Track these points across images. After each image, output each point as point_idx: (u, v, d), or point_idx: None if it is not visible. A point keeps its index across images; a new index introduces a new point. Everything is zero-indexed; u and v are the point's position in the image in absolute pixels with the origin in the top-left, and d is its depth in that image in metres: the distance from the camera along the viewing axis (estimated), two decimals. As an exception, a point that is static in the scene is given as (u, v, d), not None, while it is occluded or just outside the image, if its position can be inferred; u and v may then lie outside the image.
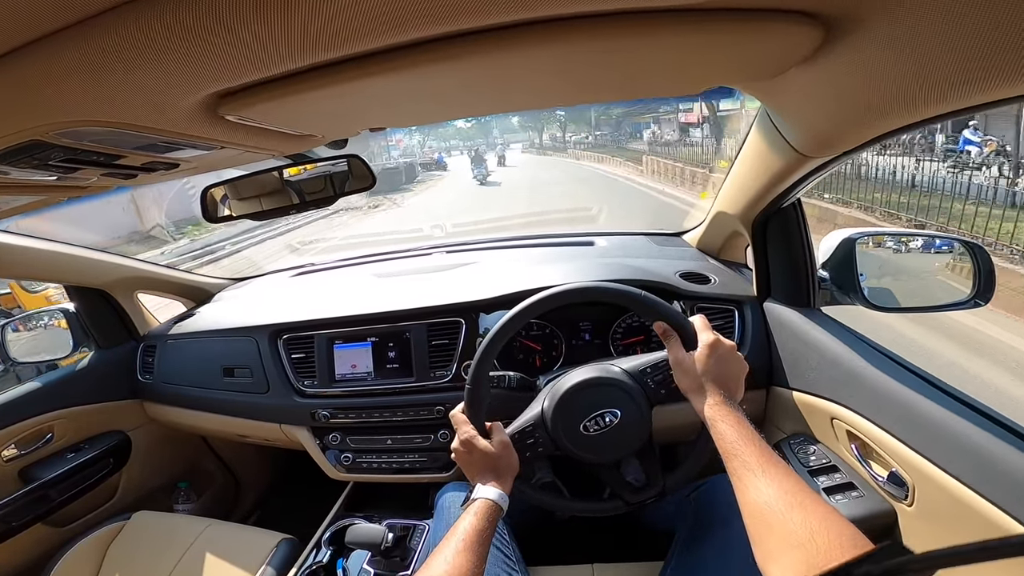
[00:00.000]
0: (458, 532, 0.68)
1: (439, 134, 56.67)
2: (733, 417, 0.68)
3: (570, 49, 0.44)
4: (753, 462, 0.61)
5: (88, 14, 0.33)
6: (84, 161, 0.57)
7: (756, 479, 0.59)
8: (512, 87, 0.58)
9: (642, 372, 0.84)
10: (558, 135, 41.57)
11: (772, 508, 0.55)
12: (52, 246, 1.27)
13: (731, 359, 0.76)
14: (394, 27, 0.37)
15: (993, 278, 0.94)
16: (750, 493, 0.59)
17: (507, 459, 0.80)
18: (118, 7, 0.33)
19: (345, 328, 1.26)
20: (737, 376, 0.76)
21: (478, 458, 0.79)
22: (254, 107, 0.48)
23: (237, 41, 0.37)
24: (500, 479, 0.77)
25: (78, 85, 0.40)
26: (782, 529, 0.52)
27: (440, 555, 0.65)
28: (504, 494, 0.76)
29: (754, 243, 1.12)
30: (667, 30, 0.41)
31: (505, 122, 53.52)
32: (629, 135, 29.76)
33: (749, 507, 0.58)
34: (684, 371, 0.76)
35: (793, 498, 0.55)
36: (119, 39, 0.35)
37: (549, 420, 0.83)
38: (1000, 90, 0.44)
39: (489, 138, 56.01)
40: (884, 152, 8.09)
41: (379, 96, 0.52)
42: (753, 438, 0.65)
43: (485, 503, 0.73)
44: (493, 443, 0.80)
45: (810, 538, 0.49)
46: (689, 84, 0.61)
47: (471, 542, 0.66)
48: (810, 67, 0.52)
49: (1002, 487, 0.59)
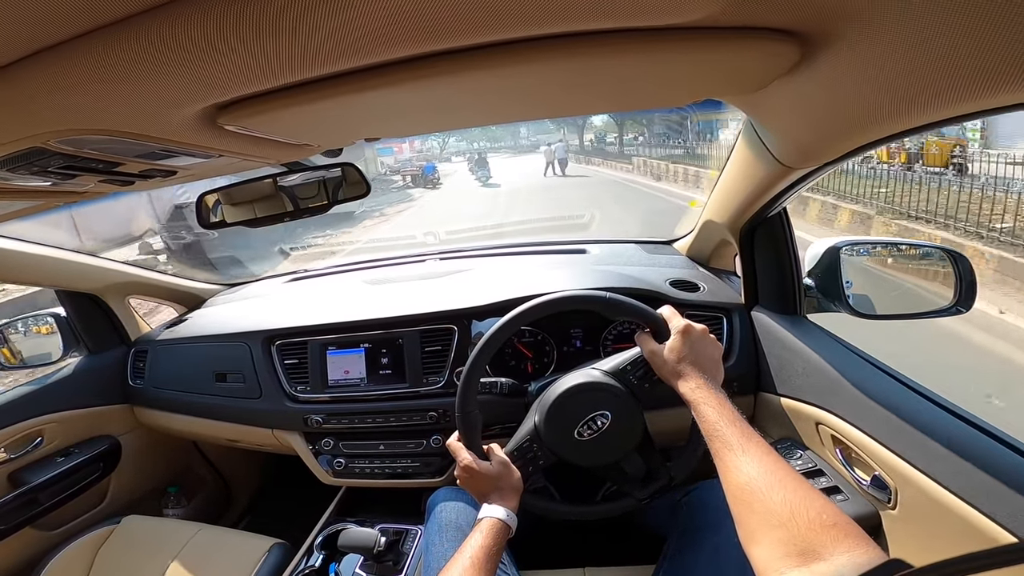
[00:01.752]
0: (466, 551, 0.69)
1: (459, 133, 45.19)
2: (715, 398, 0.70)
3: (562, 65, 0.45)
4: (734, 441, 0.62)
5: (93, 26, 0.34)
6: (83, 168, 0.58)
7: (737, 458, 0.60)
8: (505, 100, 0.60)
9: (623, 370, 0.86)
10: (607, 136, 30.88)
11: (753, 487, 0.56)
12: (44, 251, 1.27)
13: (705, 341, 0.78)
14: (391, 44, 0.39)
15: (974, 287, 0.96)
16: (731, 473, 0.60)
17: (508, 478, 0.82)
18: (122, 21, 0.34)
19: (338, 334, 1.26)
20: (713, 357, 0.78)
21: (480, 482, 0.81)
22: (253, 118, 0.49)
23: (237, 55, 0.38)
24: (504, 498, 0.79)
25: (81, 96, 0.41)
26: (763, 508, 0.53)
27: (449, 573, 0.66)
28: (511, 512, 0.77)
29: (742, 252, 1.14)
30: (656, 47, 0.43)
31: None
32: (698, 136, 18.57)
33: (732, 488, 0.59)
34: (662, 361, 0.78)
35: (773, 476, 0.56)
36: (123, 52, 0.36)
37: (543, 433, 0.85)
38: (979, 101, 0.46)
39: (517, 139, 44.67)
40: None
41: (376, 108, 0.53)
42: (734, 418, 0.66)
43: (492, 521, 0.74)
44: (492, 464, 0.82)
45: (791, 517, 0.50)
46: (677, 97, 0.63)
47: (479, 560, 0.68)
48: (790, 81, 0.54)
49: (981, 491, 0.61)
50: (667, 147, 20.58)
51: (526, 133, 44.03)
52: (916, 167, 8.77)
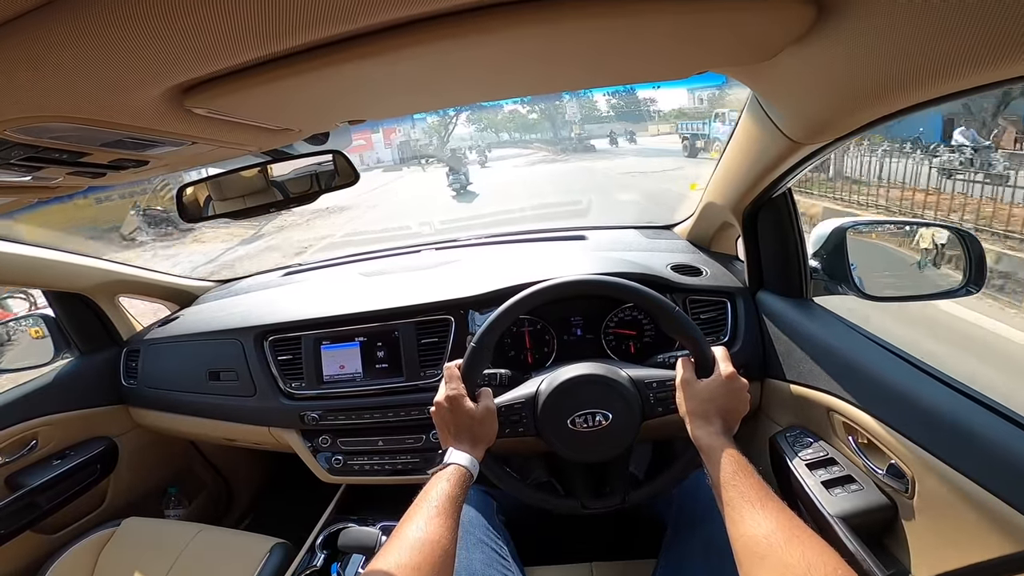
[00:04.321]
0: (430, 498, 0.66)
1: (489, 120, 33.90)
2: (732, 448, 0.68)
3: (556, 31, 0.42)
4: (752, 495, 0.61)
5: (32, 5, 0.31)
6: (47, 160, 0.55)
7: (754, 512, 0.59)
8: (497, 74, 0.56)
9: (646, 384, 0.83)
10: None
11: (770, 541, 0.55)
12: (31, 251, 1.25)
13: (741, 396, 0.77)
14: (364, 9, 0.35)
15: (984, 266, 0.93)
16: (746, 525, 0.58)
17: (488, 427, 0.79)
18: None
19: (332, 328, 1.23)
20: (741, 413, 0.77)
21: (460, 419, 0.77)
22: (221, 99, 0.46)
23: (196, 28, 0.34)
24: (475, 446, 0.76)
25: (28, 78, 0.38)
26: (778, 562, 0.52)
27: (413, 521, 0.63)
28: (476, 461, 0.75)
29: (745, 234, 1.11)
30: (659, 10, 0.40)
31: (586, 101, 28.20)
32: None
33: (744, 539, 0.57)
34: (692, 394, 0.76)
35: (791, 532, 0.55)
36: (66, 29, 0.33)
37: (540, 404, 0.82)
38: (998, 71, 0.43)
39: (560, 130, 30.08)
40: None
41: (353, 85, 0.50)
42: (751, 471, 0.65)
43: (458, 469, 0.72)
44: (479, 407, 0.78)
45: (807, 571, 0.49)
46: (680, 67, 0.59)
47: (444, 508, 0.65)
48: (802, 49, 0.51)
49: (1005, 478, 0.58)
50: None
51: (573, 111, 29.16)
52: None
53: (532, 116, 31.82)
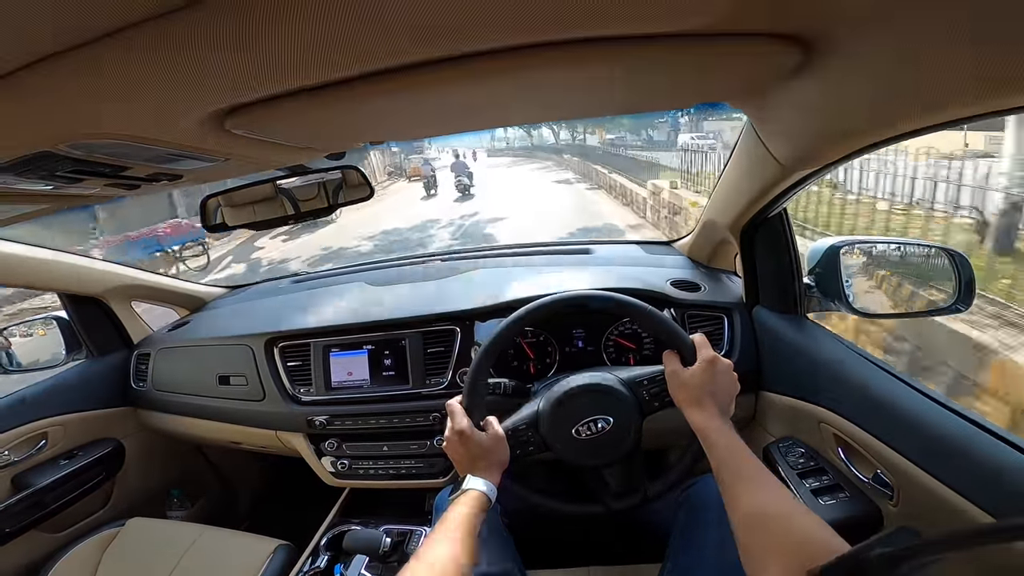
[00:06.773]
0: (449, 522, 0.69)
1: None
2: (727, 430, 0.71)
3: (566, 70, 0.46)
4: (747, 473, 0.64)
5: (104, 32, 0.35)
6: (90, 172, 0.59)
7: (751, 488, 0.62)
8: (512, 105, 0.60)
9: (638, 383, 0.86)
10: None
11: (768, 515, 0.57)
12: (47, 254, 1.28)
13: (728, 376, 0.79)
14: (397, 51, 0.39)
15: (973, 285, 0.97)
16: (744, 501, 0.61)
17: (499, 453, 0.81)
18: (130, 28, 0.34)
19: (341, 336, 1.27)
20: (731, 393, 0.79)
21: (471, 449, 0.80)
22: (260, 122, 0.50)
23: (247, 60, 0.38)
24: (490, 471, 0.79)
25: (92, 101, 0.42)
26: (776, 536, 0.54)
27: (433, 545, 0.66)
28: (493, 486, 0.77)
29: (742, 251, 1.15)
30: (664, 52, 0.44)
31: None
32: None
33: (742, 515, 0.60)
34: (681, 383, 0.79)
35: (786, 506, 0.57)
36: (132, 57, 0.37)
37: (543, 421, 0.85)
38: (978, 105, 0.46)
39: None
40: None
41: (381, 114, 0.54)
42: (746, 450, 0.67)
43: (476, 494, 0.74)
44: (487, 436, 0.81)
45: (803, 543, 0.51)
46: (683, 99, 0.64)
47: (464, 532, 0.67)
48: (792, 85, 0.55)
49: (982, 487, 0.61)
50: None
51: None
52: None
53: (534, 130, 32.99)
